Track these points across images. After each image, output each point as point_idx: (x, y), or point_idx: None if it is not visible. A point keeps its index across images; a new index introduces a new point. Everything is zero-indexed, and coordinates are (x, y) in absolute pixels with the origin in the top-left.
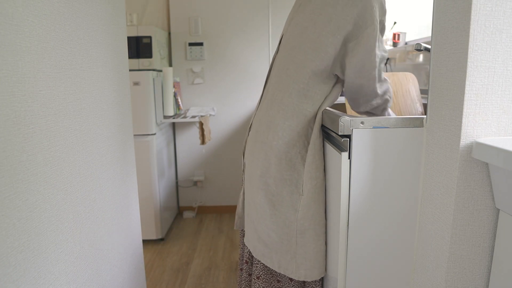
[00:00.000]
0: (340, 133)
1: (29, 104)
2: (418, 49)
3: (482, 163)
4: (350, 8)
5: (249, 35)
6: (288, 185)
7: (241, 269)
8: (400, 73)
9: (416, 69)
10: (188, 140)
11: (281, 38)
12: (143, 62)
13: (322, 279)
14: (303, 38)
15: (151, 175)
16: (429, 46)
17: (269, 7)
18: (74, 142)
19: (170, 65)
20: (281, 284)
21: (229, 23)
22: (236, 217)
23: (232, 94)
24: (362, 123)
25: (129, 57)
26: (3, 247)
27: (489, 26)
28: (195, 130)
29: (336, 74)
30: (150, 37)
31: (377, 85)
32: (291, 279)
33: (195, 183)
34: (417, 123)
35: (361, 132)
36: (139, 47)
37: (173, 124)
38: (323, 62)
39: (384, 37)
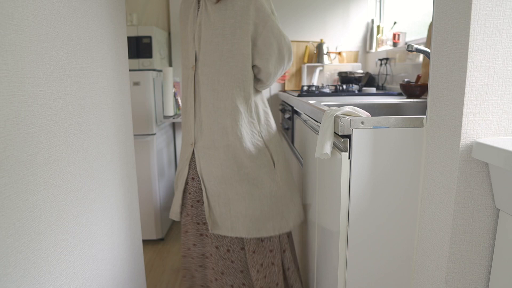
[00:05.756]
0: (340, 133)
1: (29, 104)
2: (410, 50)
3: (482, 163)
4: (246, 15)
5: None
6: (263, 167)
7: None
8: None
9: (416, 69)
10: None
11: (195, 51)
12: (143, 62)
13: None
14: (220, 51)
15: (151, 175)
16: (420, 47)
17: None
18: (74, 142)
19: (170, 65)
20: (274, 253)
21: None
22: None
23: None
24: (362, 123)
25: (129, 57)
26: (3, 247)
27: (489, 26)
28: None
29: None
30: (150, 37)
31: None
32: (280, 244)
33: None
34: (417, 123)
35: (361, 132)
36: (139, 47)
37: (173, 124)
38: (244, 61)
39: (384, 37)
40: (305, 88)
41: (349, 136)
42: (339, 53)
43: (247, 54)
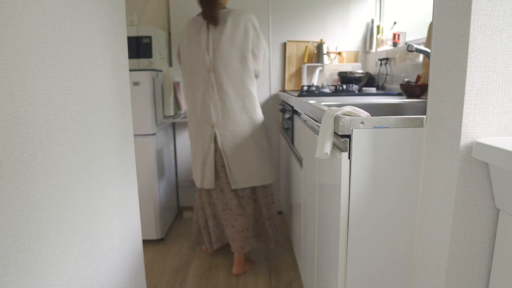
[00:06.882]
0: (340, 133)
1: (29, 104)
2: (410, 50)
3: (482, 163)
4: (248, 31)
5: None
6: (262, 133)
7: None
8: None
9: (416, 69)
10: (188, 140)
11: (210, 60)
12: (143, 62)
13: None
14: (234, 56)
15: (151, 175)
16: (420, 47)
17: (269, 7)
18: (74, 142)
19: (170, 65)
20: (273, 196)
21: None
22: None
23: None
24: (362, 123)
25: (129, 57)
26: (3, 247)
27: (489, 26)
28: None
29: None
30: (150, 37)
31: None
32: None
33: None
34: (417, 123)
35: (361, 132)
36: (139, 47)
37: (173, 124)
38: (248, 62)
39: (384, 37)
40: (305, 88)
41: (349, 136)
42: (339, 53)
43: (248, 57)
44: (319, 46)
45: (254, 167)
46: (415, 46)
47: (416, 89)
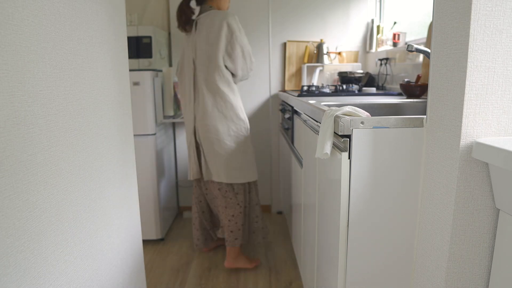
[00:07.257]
0: (340, 133)
1: (29, 104)
2: (410, 50)
3: (482, 163)
4: (221, 30)
5: (248, 35)
6: (241, 131)
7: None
8: None
9: (416, 69)
10: None
11: (193, 58)
12: (143, 62)
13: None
14: (208, 54)
15: (151, 175)
16: (420, 47)
17: (269, 7)
18: (74, 142)
19: (170, 65)
20: (245, 194)
21: None
22: (194, 171)
23: None
24: (362, 123)
25: (129, 57)
26: (3, 247)
27: (489, 26)
28: None
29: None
30: (150, 37)
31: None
32: (249, 188)
33: None
34: (417, 123)
35: (361, 132)
36: (139, 47)
37: (173, 124)
38: (220, 59)
39: (384, 37)
40: (305, 88)
41: (349, 136)
42: (339, 53)
43: (218, 55)
44: (319, 46)
45: (224, 163)
46: (415, 46)
47: (416, 89)
